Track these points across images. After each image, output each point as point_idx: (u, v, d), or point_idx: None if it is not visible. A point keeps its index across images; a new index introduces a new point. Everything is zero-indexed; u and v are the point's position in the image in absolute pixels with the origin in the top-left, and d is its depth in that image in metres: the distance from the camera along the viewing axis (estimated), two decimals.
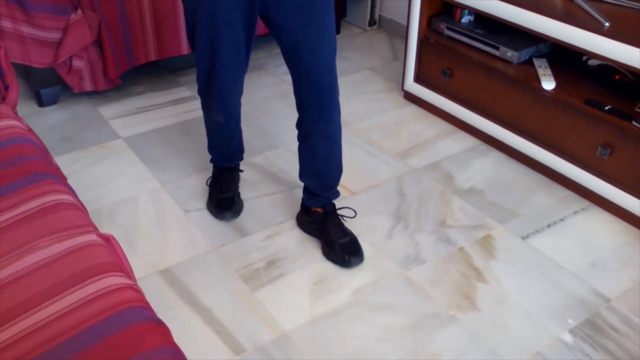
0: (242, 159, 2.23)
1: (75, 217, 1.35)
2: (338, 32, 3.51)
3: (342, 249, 1.91)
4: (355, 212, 2.07)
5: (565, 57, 2.37)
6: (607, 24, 2.01)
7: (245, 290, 1.82)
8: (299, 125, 1.90)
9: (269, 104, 2.81)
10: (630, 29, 2.01)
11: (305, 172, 1.98)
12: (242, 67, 1.87)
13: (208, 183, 2.19)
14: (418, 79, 2.73)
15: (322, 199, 1.98)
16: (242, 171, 2.25)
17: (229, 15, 1.71)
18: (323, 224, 1.97)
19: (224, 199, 2.12)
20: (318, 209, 2.00)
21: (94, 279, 1.16)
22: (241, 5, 1.69)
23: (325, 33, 1.74)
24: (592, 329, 1.73)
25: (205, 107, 2.00)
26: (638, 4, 2.15)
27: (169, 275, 1.87)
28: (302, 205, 2.05)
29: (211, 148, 2.15)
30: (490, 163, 2.41)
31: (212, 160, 2.19)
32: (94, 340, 1.04)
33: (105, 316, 1.08)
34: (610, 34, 1.96)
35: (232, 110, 1.99)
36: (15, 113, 1.77)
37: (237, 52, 1.80)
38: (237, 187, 2.19)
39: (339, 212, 2.01)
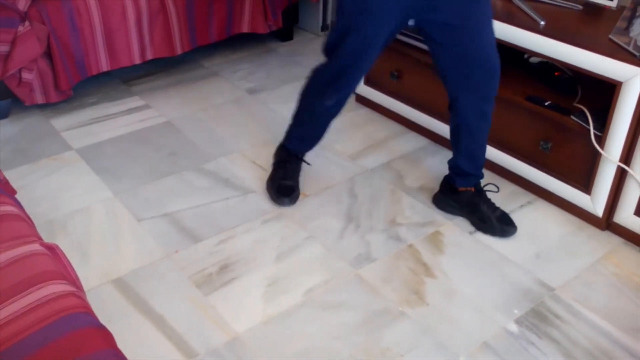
0: (312, 148, 2.32)
1: (19, 228, 1.35)
2: (291, 38, 3.55)
3: (499, 221, 2.08)
4: (498, 187, 2.20)
5: (507, 56, 2.43)
6: (542, 23, 2.08)
7: (198, 295, 1.84)
8: (455, 114, 2.04)
9: (222, 110, 2.84)
10: (565, 27, 2.08)
11: (461, 155, 2.10)
12: (373, 62, 1.99)
13: (273, 164, 2.30)
14: (369, 81, 2.78)
15: (474, 178, 2.13)
16: (309, 164, 2.35)
17: (389, 20, 1.84)
18: (472, 201, 2.12)
19: (285, 186, 2.22)
20: (469, 188, 2.12)
21: (37, 287, 1.17)
22: (406, 9, 1.82)
23: (485, 19, 1.87)
24: (537, 318, 1.79)
25: (320, 94, 2.07)
26: (571, 3, 2.23)
27: (121, 283, 1.88)
28: (447, 187, 2.19)
29: (296, 136, 2.25)
30: (440, 161, 2.46)
31: (287, 144, 2.28)
32: (37, 346, 1.05)
33: (48, 322, 1.10)
34: (546, 32, 2.03)
35: (348, 98, 2.10)
36: None
37: (377, 54, 1.94)
38: (299, 177, 2.29)
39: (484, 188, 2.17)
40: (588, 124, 2.02)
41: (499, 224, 2.08)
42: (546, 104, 2.14)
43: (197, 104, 2.89)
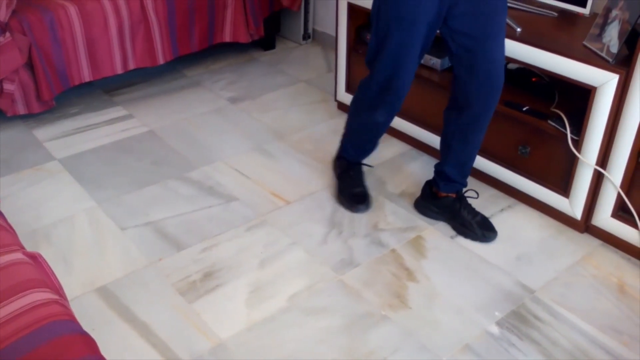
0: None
1: (1, 237, 1.36)
2: (273, 47, 3.58)
3: (480, 226, 2.11)
4: (477, 193, 2.23)
5: None
6: (519, 30, 2.12)
7: (182, 302, 1.85)
8: (453, 120, 2.06)
9: (205, 119, 2.85)
10: (541, 33, 2.12)
11: (451, 162, 2.12)
12: (414, 71, 1.99)
13: (338, 177, 2.34)
14: (349, 88, 2.81)
15: (458, 186, 2.16)
16: (372, 167, 2.42)
17: (424, 20, 1.84)
18: (453, 207, 2.15)
19: (357, 194, 2.27)
20: (451, 194, 2.15)
21: (20, 295, 1.18)
22: (433, 11, 1.83)
23: (501, 35, 1.89)
24: (517, 319, 1.82)
25: (370, 107, 2.09)
26: (546, 10, 2.27)
27: (105, 292, 1.89)
28: (428, 192, 2.21)
29: (352, 146, 2.30)
30: (420, 167, 2.49)
31: (345, 154, 2.32)
32: (21, 353, 1.06)
33: (32, 330, 1.11)
34: (522, 39, 2.07)
35: (397, 110, 2.10)
36: None
37: (419, 56, 1.94)
38: (365, 181, 2.32)
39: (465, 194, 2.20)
40: (565, 128, 2.06)
41: (480, 229, 2.11)
42: (524, 109, 2.18)
43: (180, 114, 2.90)
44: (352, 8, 2.61)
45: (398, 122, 2.62)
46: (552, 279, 1.96)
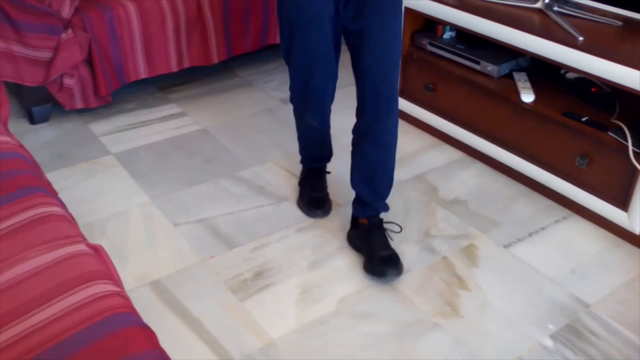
0: (329, 160, 2.31)
1: (64, 228, 1.39)
2: None
3: (382, 261, 1.92)
4: (401, 228, 2.12)
5: (544, 71, 2.44)
6: (581, 38, 2.08)
7: (233, 300, 1.86)
8: (355, 129, 1.96)
9: (256, 120, 2.87)
10: (603, 43, 2.07)
11: (356, 179, 2.01)
12: (335, 74, 1.94)
13: (299, 183, 2.32)
14: (402, 93, 2.79)
15: (370, 210, 2.01)
16: (329, 172, 2.34)
17: (322, 25, 1.80)
18: (367, 236, 2.00)
19: (315, 198, 2.23)
20: (364, 220, 2.03)
21: (82, 286, 1.20)
22: (328, 12, 1.78)
23: (389, 38, 1.79)
24: (572, 334, 1.78)
25: (299, 113, 2.09)
26: (610, 19, 2.22)
27: (158, 286, 1.91)
28: (352, 218, 2.10)
29: (303, 151, 2.27)
30: (473, 174, 2.46)
31: (302, 162, 2.30)
32: (82, 344, 1.07)
33: (94, 322, 1.12)
34: (584, 48, 2.03)
35: (326, 115, 2.08)
36: (7, 129, 1.81)
37: (330, 59, 1.88)
38: (326, 187, 2.29)
39: (385, 226, 2.04)
40: (626, 140, 2.01)
41: (379, 263, 1.91)
42: (583, 119, 2.13)
43: (232, 113, 2.92)
44: (408, 12, 2.60)
45: (451, 128, 2.59)
46: (608, 294, 1.92)
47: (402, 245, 2.09)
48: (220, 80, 3.24)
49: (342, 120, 2.53)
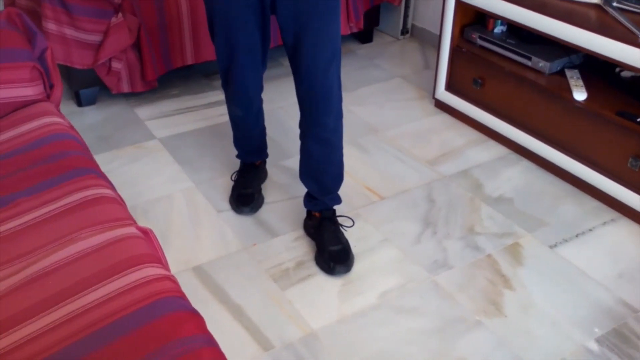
0: (265, 156, 2.28)
1: (115, 211, 1.40)
2: (370, 40, 3.55)
3: (330, 256, 1.92)
4: (353, 221, 2.09)
5: (597, 68, 2.38)
6: None
7: (275, 289, 1.86)
8: (299, 125, 1.94)
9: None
10: None
11: (303, 174, 2.00)
12: (258, 66, 1.92)
13: (233, 178, 2.26)
14: (449, 87, 2.75)
15: (320, 203, 2.00)
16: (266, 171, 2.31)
17: (243, 15, 1.77)
18: (319, 228, 2.00)
19: (244, 194, 2.18)
20: (316, 213, 2.02)
21: (133, 269, 1.20)
22: (253, 5, 1.75)
23: (322, 37, 1.75)
24: (618, 338, 1.74)
25: (227, 99, 2.08)
26: None
27: (200, 271, 1.92)
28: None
29: (235, 141, 2.22)
30: (520, 172, 2.42)
31: (237, 156, 2.25)
32: (132, 327, 1.08)
33: (144, 304, 1.12)
34: None
35: (249, 105, 2.04)
36: (59, 111, 1.84)
37: (253, 50, 1.85)
38: (259, 184, 2.25)
39: (339, 219, 2.03)
40: None
41: (328, 259, 1.91)
42: (638, 120, 2.08)
43: (276, 102, 2.92)
44: (459, 5, 2.56)
45: (497, 124, 2.55)
46: None
47: (445, 241, 2.07)
48: (266, 70, 3.23)
49: None
